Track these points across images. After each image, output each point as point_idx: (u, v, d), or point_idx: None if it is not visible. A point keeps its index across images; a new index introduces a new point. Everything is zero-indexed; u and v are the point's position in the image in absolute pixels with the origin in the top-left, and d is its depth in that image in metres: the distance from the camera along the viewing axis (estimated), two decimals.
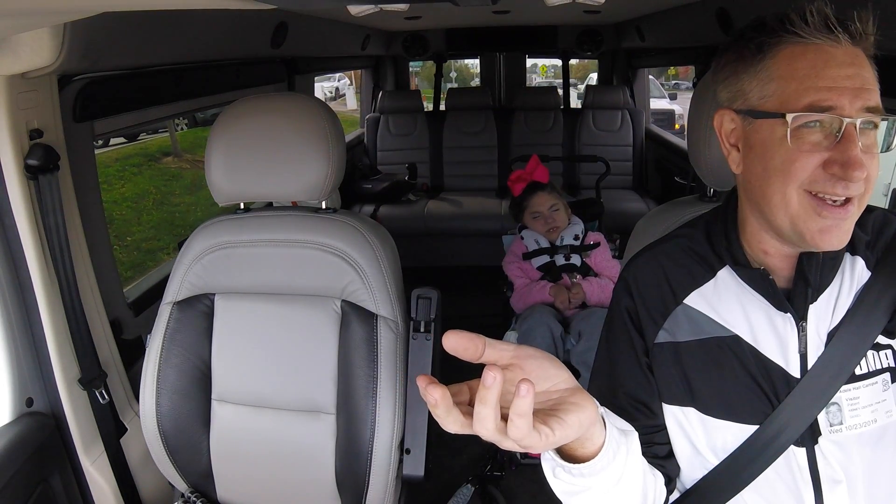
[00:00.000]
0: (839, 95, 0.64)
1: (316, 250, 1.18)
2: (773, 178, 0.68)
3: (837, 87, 0.65)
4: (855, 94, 0.65)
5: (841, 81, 0.65)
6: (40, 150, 1.13)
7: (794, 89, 0.66)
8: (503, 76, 4.48)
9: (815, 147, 0.66)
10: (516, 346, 0.52)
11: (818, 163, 0.66)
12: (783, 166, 0.67)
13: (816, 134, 0.66)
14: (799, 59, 0.66)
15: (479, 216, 3.61)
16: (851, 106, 0.65)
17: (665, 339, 0.80)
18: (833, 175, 0.65)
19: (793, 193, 0.67)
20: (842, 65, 0.65)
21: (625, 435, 0.63)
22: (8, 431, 1.16)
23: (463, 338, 0.49)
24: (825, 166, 0.66)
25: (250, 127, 1.17)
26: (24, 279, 1.19)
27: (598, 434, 0.58)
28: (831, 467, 0.74)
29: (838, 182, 0.65)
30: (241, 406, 1.22)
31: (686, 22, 2.35)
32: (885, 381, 0.74)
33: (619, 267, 1.99)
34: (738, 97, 0.72)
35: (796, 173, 0.67)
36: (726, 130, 0.75)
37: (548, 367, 0.53)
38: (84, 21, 1.00)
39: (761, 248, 0.76)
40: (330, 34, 2.68)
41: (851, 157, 0.64)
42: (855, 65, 0.65)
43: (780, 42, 0.67)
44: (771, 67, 0.68)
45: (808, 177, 0.66)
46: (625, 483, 0.63)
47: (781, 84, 0.67)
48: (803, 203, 0.67)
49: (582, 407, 0.53)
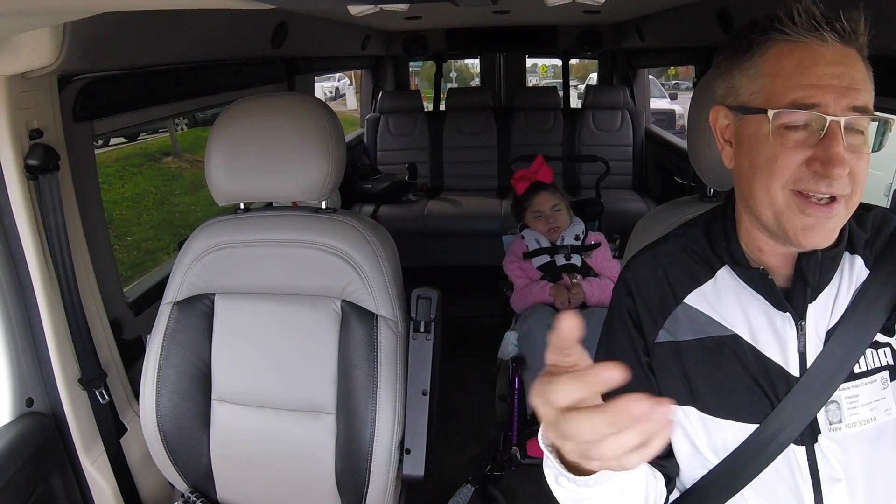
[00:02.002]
0: (824, 93, 0.65)
1: (316, 250, 1.18)
2: (758, 174, 0.69)
3: (822, 86, 0.65)
4: (841, 93, 0.65)
5: (827, 80, 0.65)
6: (40, 150, 1.13)
7: (779, 86, 0.67)
8: (503, 76, 4.48)
9: (799, 144, 0.66)
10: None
11: (801, 160, 0.66)
12: (767, 163, 0.68)
13: (801, 132, 0.66)
14: (786, 56, 0.67)
15: (479, 216, 3.61)
16: (836, 104, 0.65)
17: (666, 339, 0.80)
18: (815, 172, 0.66)
19: (777, 190, 0.68)
20: (829, 63, 0.65)
21: None
22: (8, 431, 1.16)
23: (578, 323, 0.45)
24: (808, 163, 0.66)
25: (250, 127, 1.17)
26: (24, 279, 1.19)
27: None
28: (831, 466, 0.74)
29: (821, 180, 0.66)
30: (241, 406, 1.22)
31: (686, 22, 2.35)
32: (885, 379, 0.74)
33: (619, 267, 1.99)
34: (730, 93, 0.74)
35: (780, 170, 0.67)
36: (721, 126, 0.76)
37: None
38: (84, 21, 1.00)
39: (756, 246, 0.77)
40: (330, 34, 2.68)
41: (833, 154, 0.64)
42: (844, 64, 0.66)
43: (769, 40, 0.68)
44: (760, 65, 0.69)
45: (793, 174, 0.67)
46: (627, 491, 0.63)
47: (768, 81, 0.68)
48: (788, 201, 0.68)
49: None
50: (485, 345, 2.40)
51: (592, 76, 7.67)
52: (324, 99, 2.93)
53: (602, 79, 4.57)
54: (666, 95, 9.61)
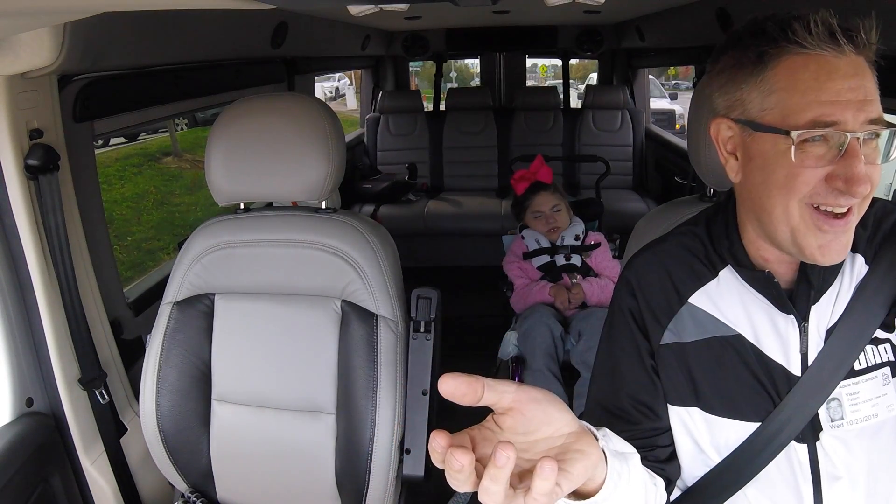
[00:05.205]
0: (843, 110, 0.63)
1: (316, 250, 1.18)
2: (774, 191, 0.67)
3: (841, 102, 0.63)
4: (858, 108, 0.63)
5: (844, 94, 0.63)
6: (40, 150, 1.13)
7: (796, 103, 0.65)
8: (503, 76, 4.48)
9: (818, 161, 0.65)
10: (517, 387, 0.50)
11: (821, 176, 0.65)
12: (786, 181, 0.66)
13: (820, 147, 0.65)
14: (801, 70, 0.65)
15: (479, 216, 3.61)
16: (855, 120, 0.63)
17: (671, 340, 0.79)
18: (836, 189, 0.64)
19: (794, 207, 0.66)
20: (845, 76, 0.64)
21: (625, 459, 0.61)
22: (8, 431, 1.16)
23: (461, 382, 0.46)
24: (828, 180, 0.65)
25: (250, 127, 1.17)
26: (24, 279, 1.19)
27: (599, 472, 0.57)
28: (832, 463, 0.74)
29: (841, 196, 0.65)
30: (241, 406, 1.22)
31: (686, 22, 2.35)
32: (886, 376, 0.74)
33: (619, 267, 2.00)
34: (736, 106, 0.70)
35: (799, 187, 0.66)
36: (723, 138, 0.73)
37: (551, 411, 0.51)
38: (84, 21, 1.00)
39: (761, 255, 0.76)
40: (330, 34, 2.68)
41: (855, 173, 0.63)
42: (857, 76, 0.64)
43: (781, 52, 0.66)
44: (771, 79, 0.66)
45: (811, 190, 0.65)
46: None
47: (783, 96, 0.66)
48: (804, 217, 0.67)
49: (586, 454, 0.51)
50: (485, 345, 2.40)
51: (592, 76, 7.67)
52: (324, 99, 2.93)
53: (602, 79, 4.56)
54: (666, 95, 9.60)
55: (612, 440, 0.62)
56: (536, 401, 0.50)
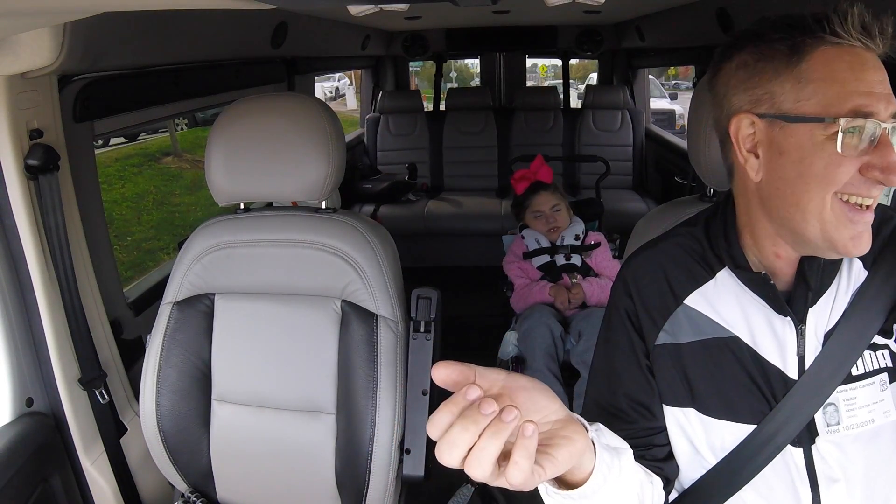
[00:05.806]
0: (877, 101, 0.64)
1: (316, 250, 1.18)
2: (812, 184, 0.67)
3: (875, 93, 0.64)
4: (887, 100, 0.65)
5: (876, 87, 0.64)
6: (40, 150, 1.13)
7: (836, 92, 0.65)
8: (503, 76, 4.48)
9: (854, 151, 0.65)
10: (507, 374, 0.52)
11: (857, 167, 0.65)
12: (825, 171, 0.66)
13: (856, 138, 0.65)
14: (836, 61, 0.65)
15: (479, 216, 3.61)
16: (885, 111, 0.64)
17: (666, 341, 0.80)
18: (870, 179, 0.65)
19: (829, 199, 0.66)
20: (875, 69, 0.65)
21: (617, 454, 0.61)
22: (8, 431, 1.16)
23: (453, 370, 0.49)
24: (863, 170, 0.65)
25: (250, 127, 1.17)
26: (24, 279, 1.19)
27: (587, 461, 0.58)
28: (829, 467, 0.74)
29: (874, 186, 0.65)
30: (241, 406, 1.22)
31: (686, 22, 2.35)
32: (883, 382, 0.74)
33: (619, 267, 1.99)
34: (763, 101, 0.69)
35: (840, 177, 0.66)
36: (743, 136, 0.72)
37: (538, 399, 0.53)
38: (84, 21, 1.00)
39: (773, 252, 0.75)
40: (330, 34, 2.68)
41: (892, 161, 0.64)
42: (881, 70, 0.65)
43: (816, 43, 0.66)
44: (806, 70, 0.66)
45: (847, 181, 0.66)
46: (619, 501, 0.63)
47: (821, 86, 0.65)
48: (836, 210, 0.67)
49: (572, 441, 0.53)
50: (485, 345, 2.40)
51: (592, 76, 7.67)
52: (324, 99, 2.93)
53: (602, 79, 4.56)
54: (666, 95, 9.60)
55: (605, 434, 0.63)
56: (525, 388, 0.52)
